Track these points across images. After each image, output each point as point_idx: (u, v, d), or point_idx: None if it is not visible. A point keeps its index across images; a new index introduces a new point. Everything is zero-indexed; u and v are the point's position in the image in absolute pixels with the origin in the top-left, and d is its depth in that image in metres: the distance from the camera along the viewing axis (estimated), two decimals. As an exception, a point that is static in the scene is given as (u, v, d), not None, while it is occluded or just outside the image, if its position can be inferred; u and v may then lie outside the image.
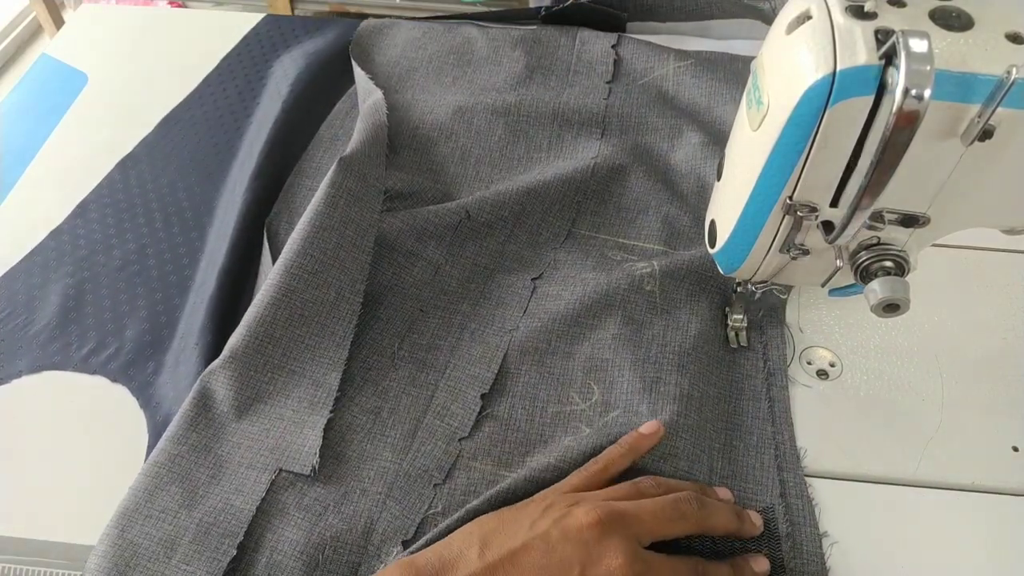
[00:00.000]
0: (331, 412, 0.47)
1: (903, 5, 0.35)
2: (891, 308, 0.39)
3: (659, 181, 0.62)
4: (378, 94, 0.66)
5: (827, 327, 0.54)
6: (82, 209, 0.63)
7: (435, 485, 0.45)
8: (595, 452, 0.45)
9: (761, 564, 0.41)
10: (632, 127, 0.66)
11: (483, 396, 0.49)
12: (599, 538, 0.36)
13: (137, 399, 0.52)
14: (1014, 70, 0.32)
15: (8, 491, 0.47)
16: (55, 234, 0.62)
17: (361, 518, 0.44)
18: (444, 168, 0.63)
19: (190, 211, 0.63)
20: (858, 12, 0.34)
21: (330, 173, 0.55)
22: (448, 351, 0.52)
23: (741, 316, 0.52)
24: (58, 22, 1.87)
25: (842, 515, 0.45)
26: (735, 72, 0.69)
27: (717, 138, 0.64)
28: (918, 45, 0.31)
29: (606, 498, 0.40)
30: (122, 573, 0.41)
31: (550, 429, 0.48)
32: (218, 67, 0.76)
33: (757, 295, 0.50)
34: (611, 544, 0.36)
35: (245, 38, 0.79)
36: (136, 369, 0.53)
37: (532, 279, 0.56)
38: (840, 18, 0.34)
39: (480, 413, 0.49)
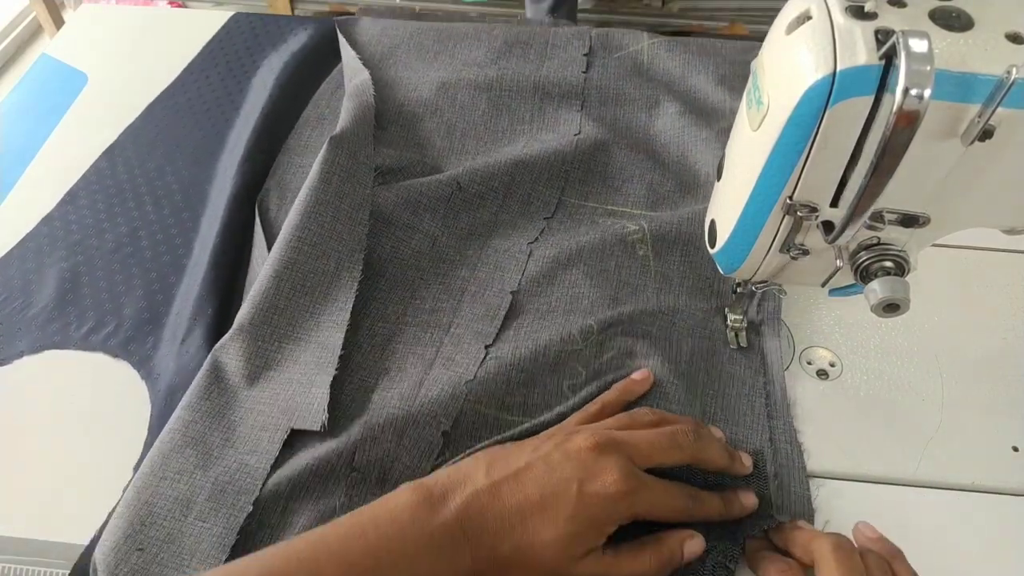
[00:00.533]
0: (336, 370, 0.49)
1: (903, 5, 0.35)
2: (891, 308, 0.39)
3: (641, 151, 0.65)
4: (365, 74, 0.68)
5: (827, 327, 0.54)
6: (71, 196, 0.65)
7: (443, 432, 0.47)
8: (591, 398, 0.47)
9: (750, 499, 0.43)
10: (611, 99, 0.69)
11: (487, 347, 0.51)
12: (596, 457, 0.39)
13: (138, 372, 0.53)
14: (1014, 70, 0.32)
15: (8, 491, 0.47)
16: (46, 220, 0.63)
17: (374, 468, 0.45)
18: (431, 142, 0.66)
19: (179, 194, 0.64)
20: (858, 12, 0.34)
21: (322, 152, 0.57)
22: (451, 312, 0.54)
23: (741, 316, 0.52)
24: (58, 22, 1.87)
25: (842, 515, 0.45)
26: (707, 45, 0.72)
27: (693, 107, 0.67)
28: (918, 45, 0.31)
29: (605, 428, 0.43)
30: (137, 532, 0.42)
31: (551, 370, 0.49)
32: (200, 54, 0.78)
33: (757, 295, 0.50)
34: (608, 463, 0.39)
35: (225, 26, 0.80)
36: (136, 344, 0.54)
37: (528, 243, 0.58)
38: (840, 18, 0.34)
39: (484, 359, 0.50)
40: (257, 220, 0.60)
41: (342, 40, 0.74)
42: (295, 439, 0.46)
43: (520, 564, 0.37)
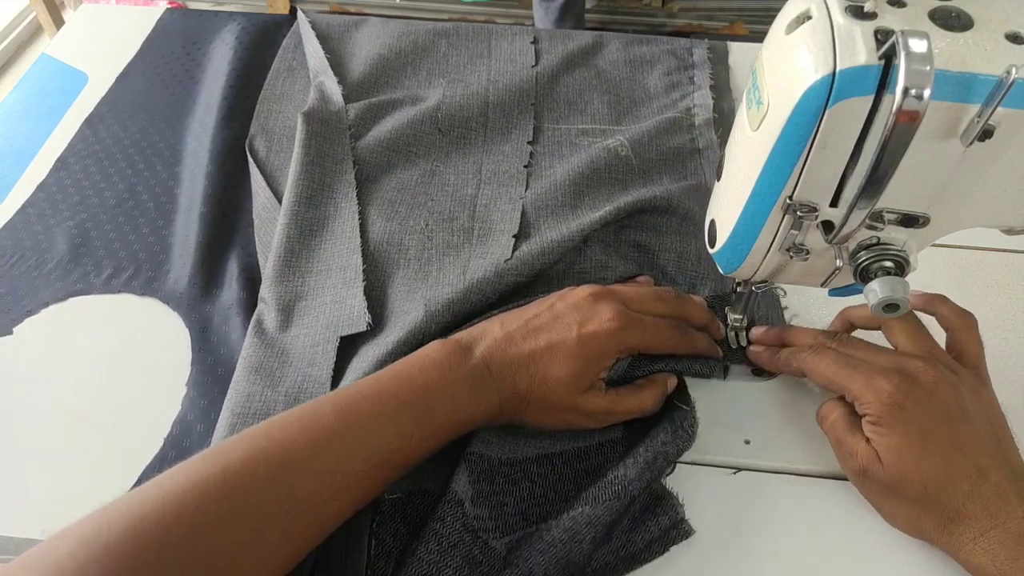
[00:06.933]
0: (364, 282, 0.54)
1: (903, 5, 0.35)
2: (891, 308, 0.39)
3: (593, 77, 0.74)
4: (320, 53, 0.73)
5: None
6: (62, 163, 0.67)
7: (490, 304, 0.52)
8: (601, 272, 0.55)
9: (719, 334, 0.52)
10: (559, 36, 0.78)
11: (514, 236, 0.57)
12: (593, 303, 0.46)
13: (167, 304, 0.56)
14: (1014, 70, 0.32)
15: (8, 490, 0.47)
16: (42, 187, 0.65)
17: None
18: (400, 81, 0.74)
19: (167, 151, 0.69)
20: (858, 12, 0.34)
21: (298, 125, 0.64)
22: (468, 219, 0.61)
23: (741, 316, 0.52)
24: (58, 22, 1.87)
25: (842, 515, 0.45)
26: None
27: (634, 38, 0.78)
28: (918, 45, 0.31)
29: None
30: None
31: (578, 240, 0.56)
32: (156, 28, 0.81)
33: (757, 295, 0.50)
34: (603, 306, 0.46)
35: (161, 18, 0.83)
36: (159, 282, 0.58)
37: (524, 166, 0.65)
38: (840, 18, 0.34)
39: (514, 245, 0.56)
40: (250, 160, 0.66)
41: (301, 18, 0.79)
42: (360, 345, 0.51)
43: (536, 398, 0.44)
